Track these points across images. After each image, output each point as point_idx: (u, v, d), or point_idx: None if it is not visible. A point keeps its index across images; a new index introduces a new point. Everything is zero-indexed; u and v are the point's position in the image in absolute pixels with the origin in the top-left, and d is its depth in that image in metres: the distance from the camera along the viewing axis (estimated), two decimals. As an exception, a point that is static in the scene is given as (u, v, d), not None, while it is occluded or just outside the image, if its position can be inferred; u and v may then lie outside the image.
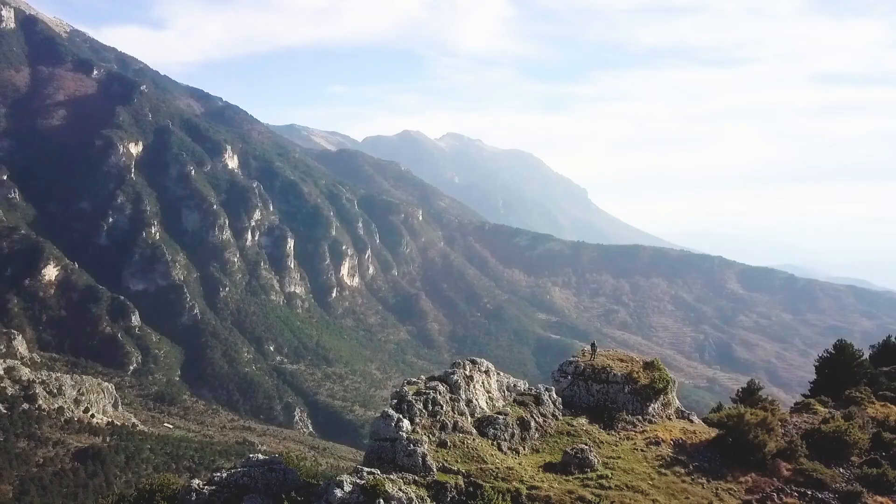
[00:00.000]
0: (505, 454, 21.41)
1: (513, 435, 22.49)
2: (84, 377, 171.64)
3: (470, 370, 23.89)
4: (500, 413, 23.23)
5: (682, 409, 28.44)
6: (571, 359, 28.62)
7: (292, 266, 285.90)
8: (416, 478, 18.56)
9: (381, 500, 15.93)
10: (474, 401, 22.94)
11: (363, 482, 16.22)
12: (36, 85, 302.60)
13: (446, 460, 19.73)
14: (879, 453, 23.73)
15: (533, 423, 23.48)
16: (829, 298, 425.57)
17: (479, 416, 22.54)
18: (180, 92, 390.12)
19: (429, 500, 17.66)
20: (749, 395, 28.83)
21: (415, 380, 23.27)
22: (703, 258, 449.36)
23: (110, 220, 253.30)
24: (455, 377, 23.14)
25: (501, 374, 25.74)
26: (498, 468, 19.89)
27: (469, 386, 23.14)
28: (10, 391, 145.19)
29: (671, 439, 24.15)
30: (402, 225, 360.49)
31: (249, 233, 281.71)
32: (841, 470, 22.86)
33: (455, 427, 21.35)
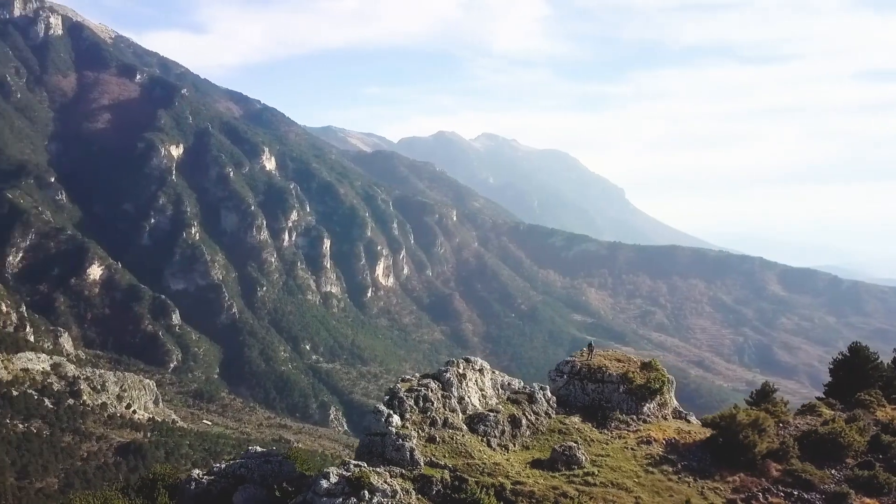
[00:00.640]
0: (494, 450, 21.87)
1: (503, 432, 22.94)
2: (126, 374, 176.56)
3: (463, 368, 24.41)
4: (491, 410, 23.69)
5: (680, 409, 28.47)
6: (568, 358, 28.95)
7: (328, 266, 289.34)
8: (404, 471, 19.17)
9: (366, 492, 16.57)
10: (466, 398, 23.44)
11: (349, 474, 16.89)
12: (82, 90, 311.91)
13: (434, 455, 20.33)
14: (876, 456, 23.61)
15: (524, 421, 23.88)
16: (875, 301, 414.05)
17: (470, 412, 23.05)
18: (219, 95, 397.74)
19: (414, 493, 18.20)
20: (763, 396, 28.72)
21: (409, 377, 23.95)
22: (742, 259, 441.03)
23: (152, 220, 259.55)
24: (448, 375, 23.74)
25: (497, 372, 26.19)
26: (485, 463, 20.38)
27: (462, 384, 23.64)
28: (56, 387, 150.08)
29: (664, 439, 24.30)
30: (437, 225, 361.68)
31: (286, 233, 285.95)
32: (833, 471, 22.83)
33: (445, 423, 21.91)
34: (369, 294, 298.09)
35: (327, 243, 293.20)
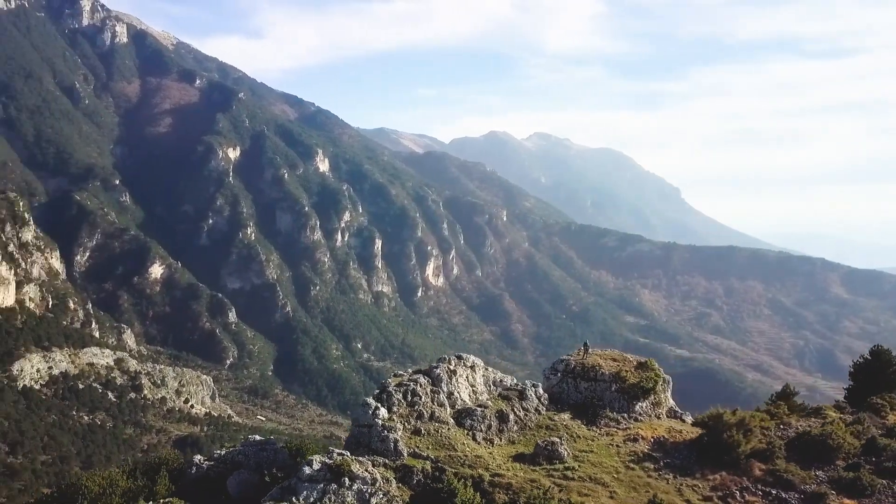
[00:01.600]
0: (478, 444, 22.60)
1: (489, 426, 23.66)
2: (185, 370, 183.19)
3: (454, 365, 25.25)
4: (480, 405, 24.46)
5: (676, 409, 28.64)
6: (563, 357, 29.47)
7: (380, 266, 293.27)
8: (387, 461, 20.17)
9: (346, 479, 17.59)
10: (456, 393, 24.27)
11: (331, 462, 17.95)
12: (145, 95, 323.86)
13: (418, 446, 21.29)
14: (869, 458, 23.52)
15: (512, 417, 24.55)
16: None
17: (459, 407, 23.91)
18: (275, 98, 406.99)
19: (394, 482, 19.14)
20: (784, 398, 28.63)
21: (401, 373, 24.99)
22: (803, 260, 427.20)
23: (210, 221, 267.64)
24: (438, 371, 24.65)
25: (490, 369, 26.93)
26: (466, 456, 21.18)
27: (452, 379, 24.46)
28: (119, 381, 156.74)
29: (652, 437, 24.61)
30: (487, 226, 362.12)
31: (339, 233, 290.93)
32: (820, 472, 22.86)
33: (432, 417, 22.82)
34: (419, 294, 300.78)
35: (379, 243, 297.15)
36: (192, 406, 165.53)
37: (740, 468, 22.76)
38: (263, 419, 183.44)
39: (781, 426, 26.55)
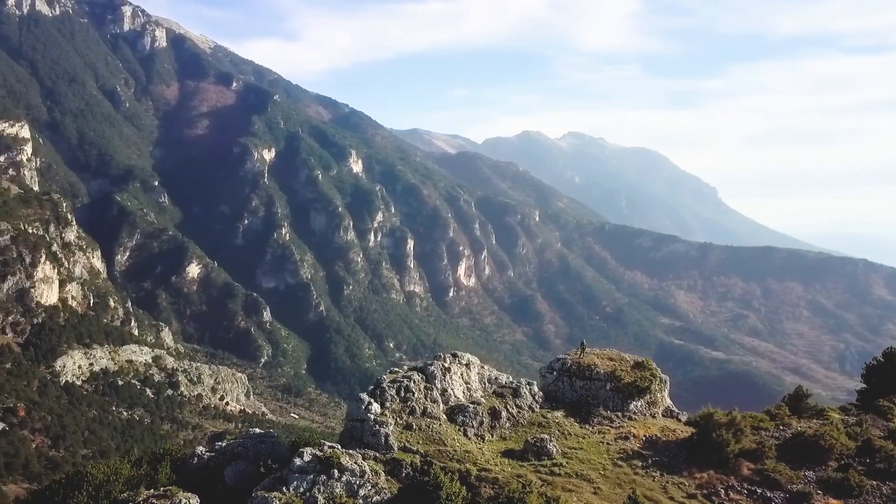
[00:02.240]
0: (469, 440, 23.11)
1: (481, 423, 24.14)
2: (220, 367, 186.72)
3: (449, 363, 25.79)
4: (473, 402, 24.95)
5: (673, 409, 28.75)
6: (560, 356, 29.82)
7: (412, 266, 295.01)
8: (378, 454, 20.83)
9: (336, 471, 18.29)
10: (449, 390, 24.79)
11: (321, 454, 18.66)
12: (183, 98, 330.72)
13: (408, 441, 21.91)
14: (863, 459, 23.54)
15: (504, 413, 24.95)
16: None
17: (452, 404, 24.47)
18: (310, 100, 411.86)
19: (383, 474, 19.78)
20: (796, 401, 28.57)
21: (397, 370, 25.67)
22: (845, 261, 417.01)
23: (245, 221, 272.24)
24: (432, 368, 25.25)
25: (486, 367, 27.39)
26: (455, 451, 21.71)
27: (445, 377, 25.01)
28: (157, 378, 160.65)
29: (644, 436, 24.82)
30: (519, 226, 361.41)
31: (372, 234, 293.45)
32: (810, 473, 22.94)
33: (424, 413, 23.40)
34: (451, 294, 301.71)
35: (411, 243, 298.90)
36: (227, 403, 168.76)
37: (729, 467, 23.04)
38: (297, 417, 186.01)
39: (781, 427, 26.67)
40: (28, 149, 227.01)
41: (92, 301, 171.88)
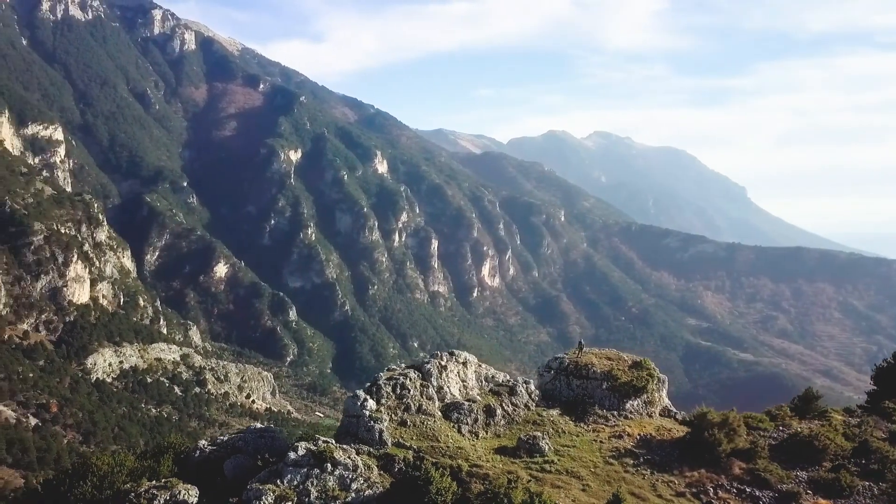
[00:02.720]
0: (462, 436, 23.51)
1: (476, 420, 24.52)
2: (247, 366, 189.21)
3: (445, 361, 26.20)
4: (469, 400, 25.32)
5: (671, 408, 28.80)
6: (558, 356, 30.08)
7: (436, 266, 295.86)
8: (371, 450, 21.35)
9: (329, 465, 18.81)
10: (445, 388, 25.21)
11: (315, 448, 19.19)
12: (211, 100, 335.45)
13: (402, 437, 22.40)
14: (858, 460, 23.53)
15: (499, 411, 25.29)
16: None
17: (448, 401, 24.85)
18: (335, 101, 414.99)
19: (376, 469, 20.27)
20: (806, 402, 28.47)
21: (395, 367, 26.14)
22: (877, 262, 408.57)
23: (272, 222, 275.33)
24: (428, 366, 25.70)
25: (483, 366, 27.74)
26: (448, 447, 22.14)
27: (442, 374, 25.44)
28: (184, 376, 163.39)
29: (638, 434, 24.97)
30: (544, 226, 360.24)
31: (397, 234, 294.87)
32: (802, 473, 23.01)
33: (419, 409, 23.85)
34: (475, 294, 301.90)
35: (435, 244, 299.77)
36: (253, 401, 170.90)
37: (721, 466, 23.19)
38: (322, 415, 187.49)
39: (781, 427, 26.73)
40: (61, 150, 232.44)
41: (122, 300, 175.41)
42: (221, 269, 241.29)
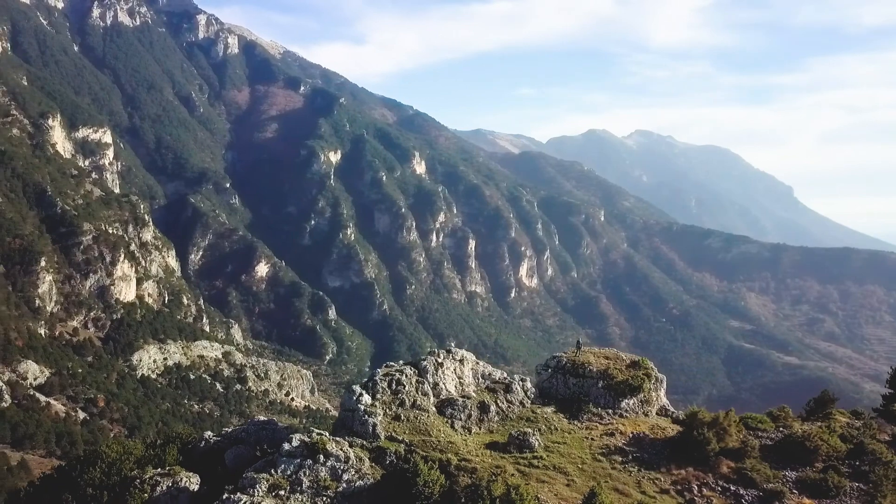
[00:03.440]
0: (455, 432, 24.05)
1: (469, 416, 25.06)
2: (286, 364, 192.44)
3: (442, 358, 26.82)
4: (464, 396, 25.85)
5: (669, 408, 28.84)
6: (556, 354, 30.38)
7: (473, 266, 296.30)
8: (364, 442, 22.11)
9: (321, 456, 19.60)
10: (441, 384, 25.79)
11: (308, 440, 19.98)
12: (254, 102, 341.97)
13: (395, 431, 23.08)
14: (853, 462, 23.38)
15: (493, 408, 25.76)
16: None
17: (444, 397, 25.40)
18: (375, 103, 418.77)
19: (368, 461, 20.95)
20: (821, 405, 28.30)
21: (393, 364, 26.77)
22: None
23: (312, 222, 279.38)
24: (425, 363, 26.36)
25: (481, 363, 28.18)
26: (439, 441, 22.71)
27: (438, 371, 26.02)
28: (226, 373, 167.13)
29: (631, 433, 25.16)
30: (583, 226, 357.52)
31: (434, 234, 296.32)
32: (792, 473, 23.03)
33: (414, 405, 24.51)
34: (513, 294, 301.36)
35: (472, 244, 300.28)
36: (292, 399, 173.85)
37: (709, 465, 23.41)
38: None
39: (781, 429, 26.77)
40: (110, 153, 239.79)
41: (167, 298, 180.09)
42: (263, 269, 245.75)
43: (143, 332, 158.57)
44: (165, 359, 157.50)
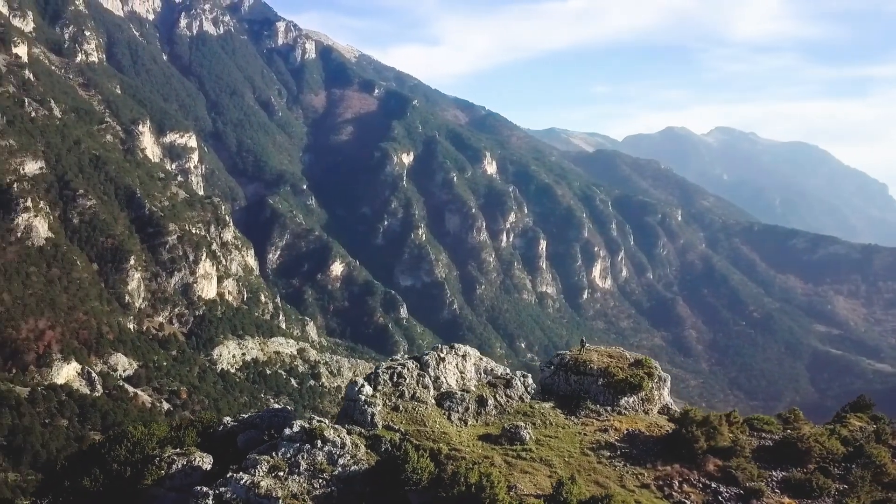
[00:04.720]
0: (451, 423, 24.91)
1: (467, 409, 25.86)
2: (359, 361, 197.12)
3: (445, 353, 27.75)
4: (463, 390, 26.64)
5: (672, 407, 28.69)
6: (560, 352, 30.74)
7: (544, 266, 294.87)
8: (362, 430, 23.33)
9: (319, 441, 20.94)
10: (442, 378, 26.70)
11: (308, 426, 21.35)
12: (330, 105, 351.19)
13: (392, 420, 24.20)
14: (849, 464, 23.26)
15: (491, 402, 26.45)
16: None
17: (444, 390, 26.31)
18: (447, 104, 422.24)
19: (363, 448, 22.13)
20: (857, 410, 27.79)
21: (397, 358, 27.80)
22: None
23: (385, 223, 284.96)
24: (427, 358, 27.38)
25: (484, 359, 28.88)
26: (433, 431, 23.65)
27: (439, 366, 26.94)
28: (301, 369, 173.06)
29: (626, 430, 25.32)
30: (659, 226, 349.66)
31: (504, 234, 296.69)
32: (780, 473, 23.08)
33: (413, 397, 25.55)
34: (585, 295, 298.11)
35: (543, 244, 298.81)
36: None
37: (695, 463, 23.69)
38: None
39: (788, 431, 26.75)
40: (195, 157, 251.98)
41: (245, 296, 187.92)
42: (337, 268, 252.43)
43: (223, 328, 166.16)
44: (244, 354, 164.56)
